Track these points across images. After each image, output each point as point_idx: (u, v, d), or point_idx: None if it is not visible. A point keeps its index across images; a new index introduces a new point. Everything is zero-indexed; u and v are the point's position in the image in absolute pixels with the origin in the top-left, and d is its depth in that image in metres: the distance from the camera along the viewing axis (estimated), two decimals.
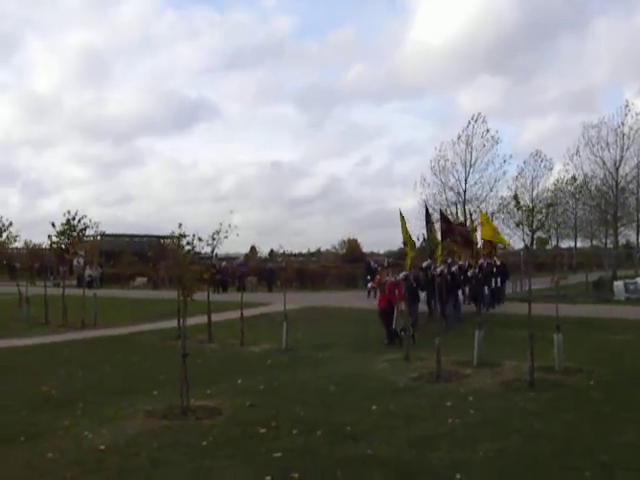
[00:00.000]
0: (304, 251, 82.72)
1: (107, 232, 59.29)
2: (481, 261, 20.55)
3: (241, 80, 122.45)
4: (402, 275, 16.26)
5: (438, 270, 15.95)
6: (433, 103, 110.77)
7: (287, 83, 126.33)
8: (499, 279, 22.79)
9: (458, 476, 5.68)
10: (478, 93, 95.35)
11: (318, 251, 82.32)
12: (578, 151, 40.06)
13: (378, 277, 15.82)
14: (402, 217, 18.36)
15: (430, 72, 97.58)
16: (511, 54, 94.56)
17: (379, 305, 15.42)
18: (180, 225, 8.77)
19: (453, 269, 19.11)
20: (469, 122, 39.12)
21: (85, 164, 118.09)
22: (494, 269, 22.10)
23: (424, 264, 18.48)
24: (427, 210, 18.48)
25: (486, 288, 20.38)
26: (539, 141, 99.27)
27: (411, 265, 17.06)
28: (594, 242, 52.65)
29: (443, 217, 18.40)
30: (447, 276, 17.33)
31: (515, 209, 10.18)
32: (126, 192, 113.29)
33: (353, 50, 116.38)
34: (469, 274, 19.23)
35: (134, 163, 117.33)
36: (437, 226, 17.14)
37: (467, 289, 20.91)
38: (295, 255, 75.23)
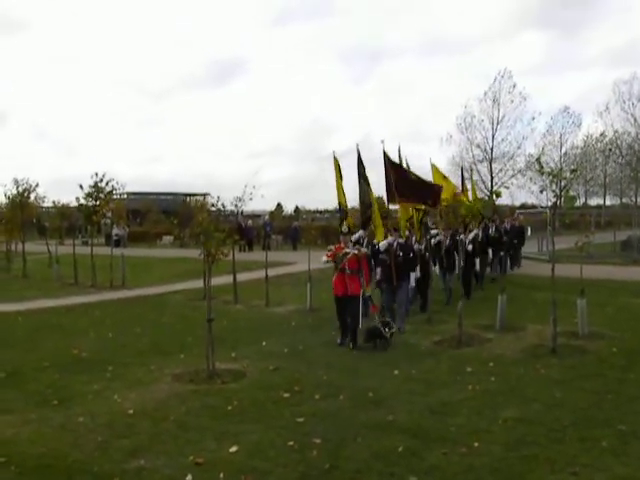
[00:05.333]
0: (330, 208, 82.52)
1: (135, 190, 60.19)
2: (434, 232, 15.03)
3: (284, 35, 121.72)
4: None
5: (382, 244, 11.77)
6: (477, 58, 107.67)
7: (330, 39, 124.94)
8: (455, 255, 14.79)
9: (476, 444, 5.79)
10: (522, 48, 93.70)
11: None
12: (608, 108, 39.37)
13: (335, 247, 11.15)
14: (337, 166, 13.75)
15: (476, 27, 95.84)
16: (560, 7, 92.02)
17: (335, 291, 10.84)
18: (204, 196, 8.88)
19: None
20: (495, 78, 38.60)
21: (118, 119, 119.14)
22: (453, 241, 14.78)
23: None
24: (359, 156, 13.55)
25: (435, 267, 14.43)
26: (578, 98, 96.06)
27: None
28: (624, 200, 51.92)
29: (390, 162, 13.10)
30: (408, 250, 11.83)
31: (539, 174, 9.98)
32: (158, 149, 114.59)
33: (399, 4, 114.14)
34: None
35: (169, 119, 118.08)
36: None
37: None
38: (321, 212, 75.22)
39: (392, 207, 15.69)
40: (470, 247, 15.50)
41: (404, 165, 14.41)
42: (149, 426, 6.56)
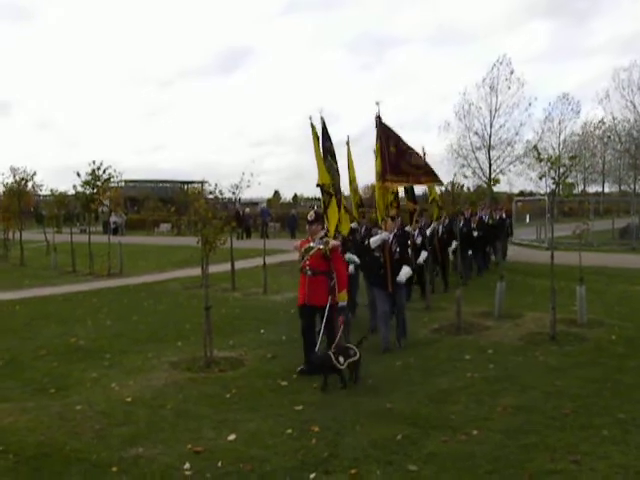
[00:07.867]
0: None
1: (134, 178, 60.13)
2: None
3: (291, 24, 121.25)
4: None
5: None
6: (485, 47, 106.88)
7: (337, 28, 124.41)
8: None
9: (475, 432, 5.76)
10: (530, 37, 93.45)
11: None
12: (608, 95, 39.32)
13: (300, 242, 8.69)
14: (316, 136, 10.42)
15: (484, 15, 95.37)
16: None
17: (300, 301, 8.33)
18: (202, 183, 8.80)
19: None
20: (494, 65, 38.41)
21: (122, 109, 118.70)
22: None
23: (351, 225, 11.41)
24: (324, 127, 10.58)
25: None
26: (585, 85, 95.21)
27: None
28: (622, 187, 51.87)
29: (385, 131, 10.14)
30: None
31: (537, 161, 9.82)
32: (162, 138, 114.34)
33: None
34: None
35: (172, 109, 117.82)
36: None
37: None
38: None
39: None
40: (419, 240, 13.62)
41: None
42: (147, 414, 6.53)
